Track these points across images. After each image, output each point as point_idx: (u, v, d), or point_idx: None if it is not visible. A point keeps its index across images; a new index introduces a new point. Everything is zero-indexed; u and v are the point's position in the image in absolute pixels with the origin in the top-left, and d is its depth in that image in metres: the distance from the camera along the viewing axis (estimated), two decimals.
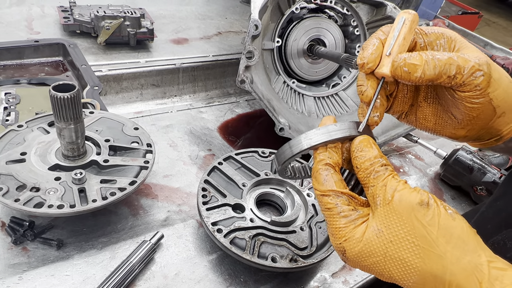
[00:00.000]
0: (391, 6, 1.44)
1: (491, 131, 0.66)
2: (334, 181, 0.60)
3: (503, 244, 0.72)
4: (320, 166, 0.61)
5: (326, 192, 0.60)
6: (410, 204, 0.54)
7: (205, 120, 1.46)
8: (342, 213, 0.59)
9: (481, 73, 0.58)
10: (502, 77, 0.61)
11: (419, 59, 0.58)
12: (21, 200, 0.83)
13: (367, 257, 0.57)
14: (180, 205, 1.07)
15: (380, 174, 0.58)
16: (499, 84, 0.60)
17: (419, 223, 0.53)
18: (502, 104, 0.61)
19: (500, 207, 0.79)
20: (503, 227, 0.74)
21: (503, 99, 0.61)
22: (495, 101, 0.61)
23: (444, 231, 0.53)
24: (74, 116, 0.88)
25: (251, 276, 0.92)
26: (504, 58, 2.29)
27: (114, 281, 0.81)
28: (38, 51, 1.43)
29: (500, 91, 0.60)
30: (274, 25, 1.42)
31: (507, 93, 0.61)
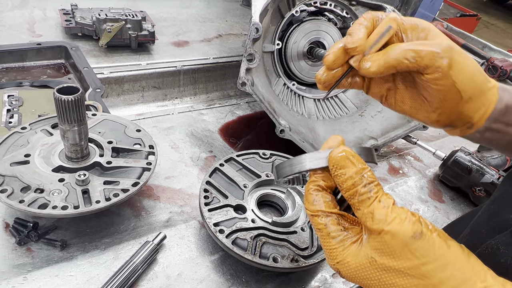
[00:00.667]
0: (390, 9, 1.45)
1: (462, 117, 0.67)
2: (323, 201, 0.61)
3: (496, 248, 0.72)
4: (311, 186, 0.62)
5: (315, 212, 0.61)
6: (403, 239, 0.53)
7: (206, 122, 1.48)
8: (332, 234, 0.59)
9: (440, 56, 0.60)
10: (468, 63, 0.63)
11: None
12: (25, 202, 0.84)
13: (361, 279, 0.58)
14: (182, 206, 1.08)
15: (365, 198, 0.56)
16: (463, 68, 0.62)
17: (413, 256, 0.53)
18: (467, 88, 0.63)
19: (494, 211, 0.79)
20: (496, 231, 0.74)
21: (468, 84, 0.63)
22: (459, 84, 0.62)
23: (440, 261, 0.53)
24: (78, 118, 0.89)
25: (253, 276, 0.93)
26: (502, 60, 2.30)
27: (117, 281, 0.82)
28: (40, 54, 1.44)
29: (464, 76, 0.62)
30: (275, 28, 1.43)
31: (473, 79, 0.63)
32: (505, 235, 0.72)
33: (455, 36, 2.49)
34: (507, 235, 0.71)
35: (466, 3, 8.26)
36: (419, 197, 1.33)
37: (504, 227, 0.73)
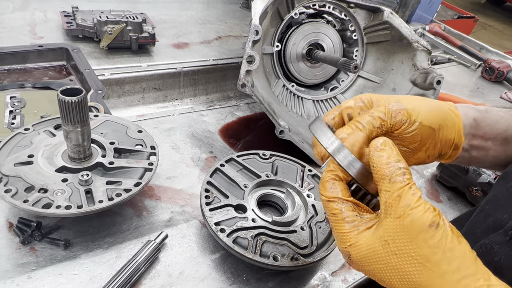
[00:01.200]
0: (388, 12, 1.47)
1: (444, 143, 0.75)
2: (340, 189, 0.64)
3: (490, 247, 0.74)
4: (329, 175, 0.66)
5: (332, 198, 0.64)
6: (421, 226, 0.56)
7: (207, 123, 1.49)
8: (347, 219, 0.62)
9: (398, 111, 0.70)
10: (417, 104, 0.72)
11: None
12: (29, 201, 0.85)
13: (370, 263, 0.60)
14: (183, 206, 1.10)
15: (397, 180, 0.59)
16: (419, 109, 0.72)
17: (426, 244, 0.56)
18: (433, 120, 0.72)
19: (488, 212, 0.81)
20: (490, 231, 0.76)
21: (431, 116, 0.72)
22: (425, 122, 0.71)
23: (448, 254, 0.56)
24: (81, 119, 0.90)
25: (253, 275, 0.95)
26: (499, 62, 2.33)
27: (120, 279, 0.83)
28: (42, 56, 1.46)
29: (423, 113, 0.71)
30: (274, 30, 1.45)
31: (431, 110, 0.73)
32: (499, 234, 0.73)
33: (453, 38, 2.52)
34: (500, 234, 0.73)
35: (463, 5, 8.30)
36: None
37: (498, 226, 0.75)
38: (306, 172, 1.17)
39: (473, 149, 0.78)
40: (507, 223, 0.73)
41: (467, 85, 2.26)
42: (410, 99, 0.74)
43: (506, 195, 0.78)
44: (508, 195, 0.77)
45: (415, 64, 1.48)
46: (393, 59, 1.56)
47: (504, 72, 2.28)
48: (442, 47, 2.49)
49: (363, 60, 1.61)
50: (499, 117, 0.79)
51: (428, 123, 0.72)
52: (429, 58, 1.47)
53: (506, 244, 0.71)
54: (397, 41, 1.51)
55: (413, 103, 0.72)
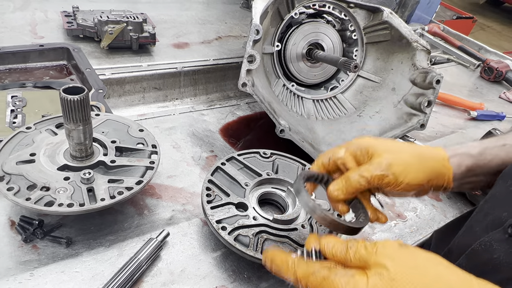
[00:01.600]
0: (388, 12, 1.48)
1: (436, 187, 0.82)
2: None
3: (489, 245, 0.75)
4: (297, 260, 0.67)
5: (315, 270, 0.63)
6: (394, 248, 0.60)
7: (207, 122, 1.50)
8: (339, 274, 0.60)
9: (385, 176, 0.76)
10: (408, 165, 0.77)
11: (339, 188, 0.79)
12: (32, 199, 0.85)
13: None
14: (185, 205, 1.10)
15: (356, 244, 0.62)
16: (408, 171, 0.77)
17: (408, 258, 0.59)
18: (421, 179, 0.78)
19: (488, 210, 0.82)
20: (489, 229, 0.77)
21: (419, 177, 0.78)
22: (413, 182, 0.77)
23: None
24: (83, 117, 0.91)
25: (255, 272, 0.95)
26: (498, 62, 2.34)
27: (122, 277, 0.83)
28: (43, 55, 1.46)
29: (411, 175, 0.77)
30: (274, 29, 1.46)
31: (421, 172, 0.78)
32: (498, 232, 0.74)
33: (452, 38, 2.53)
34: (500, 232, 0.74)
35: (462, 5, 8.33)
36: None
37: (497, 224, 0.76)
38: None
39: (465, 184, 0.85)
40: (506, 221, 0.74)
41: (466, 85, 2.27)
42: (403, 156, 0.78)
43: (505, 193, 0.79)
44: (507, 194, 0.78)
45: (415, 64, 1.49)
46: (393, 58, 1.56)
47: (503, 72, 2.29)
48: (441, 47, 2.50)
49: (362, 59, 1.62)
50: (493, 157, 0.83)
51: (416, 182, 0.77)
52: (429, 57, 1.48)
53: (505, 242, 0.72)
54: (397, 41, 1.52)
55: (404, 163, 0.77)
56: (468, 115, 1.91)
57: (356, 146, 0.82)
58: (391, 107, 1.55)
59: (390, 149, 0.79)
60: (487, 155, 0.84)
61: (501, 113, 1.93)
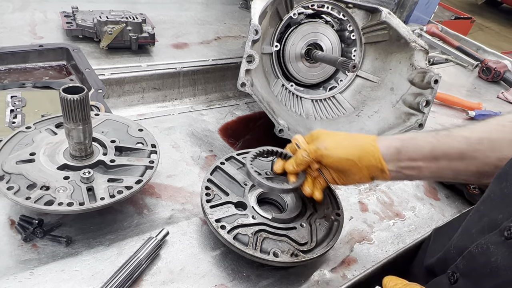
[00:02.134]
0: (386, 12, 1.49)
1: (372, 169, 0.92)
2: None
3: (486, 248, 0.75)
4: None
5: None
6: None
7: (206, 122, 1.50)
8: None
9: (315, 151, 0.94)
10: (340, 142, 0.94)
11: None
12: (32, 198, 0.86)
13: None
14: (184, 204, 1.11)
15: None
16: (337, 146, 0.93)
17: None
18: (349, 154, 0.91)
19: (483, 212, 0.82)
20: (486, 231, 0.77)
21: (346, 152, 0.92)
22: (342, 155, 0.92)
23: None
24: (83, 117, 0.91)
25: (254, 271, 0.96)
26: (496, 62, 2.35)
27: (122, 275, 0.84)
28: (42, 55, 1.47)
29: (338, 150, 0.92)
30: (273, 30, 1.46)
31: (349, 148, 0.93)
32: (495, 235, 0.74)
33: (450, 39, 2.54)
34: (496, 234, 0.74)
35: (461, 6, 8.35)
36: (415, 195, 1.36)
37: (493, 226, 0.76)
38: None
39: (404, 169, 0.90)
40: (502, 223, 0.74)
41: (464, 85, 2.28)
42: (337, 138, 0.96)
43: (500, 195, 0.79)
44: (502, 196, 0.78)
45: (413, 64, 1.50)
46: (391, 58, 1.57)
47: (501, 72, 2.29)
48: (439, 48, 2.51)
49: (361, 60, 1.62)
50: (424, 142, 0.89)
51: (345, 156, 0.91)
52: (427, 57, 1.49)
53: (501, 245, 0.72)
54: (395, 41, 1.53)
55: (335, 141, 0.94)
56: (466, 115, 1.92)
57: (310, 133, 1.01)
58: (389, 107, 1.56)
59: (329, 134, 0.97)
60: (418, 140, 0.90)
61: (499, 113, 1.94)
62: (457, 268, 0.81)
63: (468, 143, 0.85)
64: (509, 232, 0.71)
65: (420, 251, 1.13)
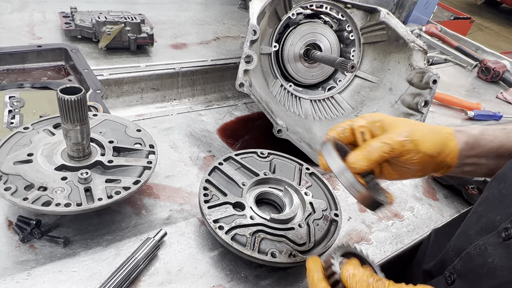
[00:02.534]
0: (384, 12, 1.48)
1: (439, 165, 0.83)
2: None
3: (484, 249, 0.75)
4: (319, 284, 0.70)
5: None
6: None
7: (205, 122, 1.50)
8: None
9: (406, 141, 0.77)
10: (425, 133, 0.80)
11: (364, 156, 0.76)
12: (29, 199, 0.86)
13: None
14: (182, 204, 1.10)
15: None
16: (424, 140, 0.78)
17: None
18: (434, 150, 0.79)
19: (481, 213, 0.83)
20: (484, 232, 0.78)
21: (433, 147, 0.79)
22: (428, 152, 0.79)
23: None
24: (80, 118, 0.91)
25: (252, 272, 0.96)
26: (495, 62, 2.35)
27: (120, 276, 0.84)
28: (40, 56, 1.46)
29: (428, 144, 0.79)
30: (272, 30, 1.46)
31: (434, 141, 0.80)
32: (492, 236, 0.74)
33: (449, 39, 2.54)
34: (494, 236, 0.74)
35: (460, 6, 8.35)
36: (413, 195, 1.36)
37: (491, 228, 0.76)
38: (304, 170, 1.18)
39: (466, 166, 0.86)
40: (500, 224, 0.74)
41: (463, 85, 2.28)
42: (419, 127, 0.80)
43: (499, 196, 0.79)
44: (500, 197, 0.79)
45: (412, 64, 1.50)
46: (390, 59, 1.57)
47: (500, 72, 2.29)
48: (438, 48, 2.51)
49: (360, 60, 1.62)
50: (493, 137, 0.85)
51: (430, 152, 0.79)
52: (425, 58, 1.49)
53: (499, 246, 0.72)
54: (394, 41, 1.53)
55: (420, 132, 0.79)
56: (465, 115, 1.92)
57: (371, 119, 0.81)
58: (388, 107, 1.56)
59: (405, 122, 0.81)
60: (487, 135, 0.85)
61: (498, 113, 1.94)
62: (454, 269, 0.81)
63: None
64: (507, 233, 0.71)
65: (419, 252, 1.13)
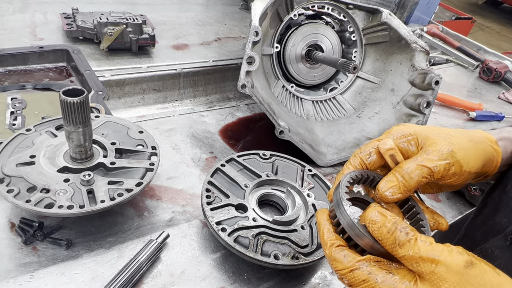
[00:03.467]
0: (386, 13, 1.48)
1: (481, 175, 0.76)
2: (353, 254, 0.60)
3: (490, 252, 0.74)
4: (334, 249, 0.62)
5: (354, 265, 0.59)
6: (458, 269, 0.53)
7: (207, 123, 1.50)
8: (379, 280, 0.56)
9: (452, 165, 0.67)
10: (466, 148, 0.69)
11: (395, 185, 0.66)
12: (32, 201, 0.86)
13: None
14: (184, 206, 1.10)
15: (404, 241, 0.56)
16: (468, 159, 0.68)
17: (472, 286, 0.52)
18: (478, 167, 0.71)
19: (487, 215, 0.82)
20: (490, 235, 0.77)
21: (477, 163, 0.70)
22: (473, 170, 0.70)
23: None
24: (83, 119, 0.91)
25: (254, 274, 0.95)
26: (497, 62, 2.34)
27: (122, 278, 0.83)
28: (42, 57, 1.46)
29: (472, 162, 0.69)
30: (273, 31, 1.46)
31: (479, 158, 0.71)
32: (499, 239, 0.74)
33: (450, 39, 2.53)
34: (500, 239, 0.73)
35: (461, 6, 8.34)
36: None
37: (497, 231, 0.75)
38: (306, 172, 1.17)
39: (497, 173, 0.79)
40: (507, 227, 0.74)
41: (465, 85, 2.27)
42: (459, 141, 0.70)
43: (505, 199, 0.78)
44: (506, 199, 0.78)
45: (414, 65, 1.49)
46: (392, 59, 1.57)
47: (502, 73, 2.29)
48: (440, 48, 2.51)
49: (362, 61, 1.62)
50: None
51: (475, 169, 0.70)
52: (427, 58, 1.48)
53: (506, 249, 0.71)
54: (396, 42, 1.53)
55: (463, 149, 0.69)
56: (467, 115, 1.91)
57: (400, 134, 0.71)
58: (390, 108, 1.55)
59: (442, 134, 0.70)
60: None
61: (500, 114, 1.93)
62: None
63: None
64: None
65: None
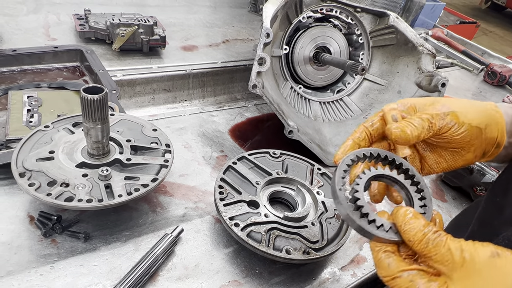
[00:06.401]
0: (393, 16, 1.51)
1: (489, 142, 0.76)
2: (398, 261, 0.62)
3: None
4: (381, 255, 0.63)
5: (398, 273, 0.60)
6: (484, 260, 0.55)
7: (217, 123, 1.53)
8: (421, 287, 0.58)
9: (446, 113, 0.71)
10: (463, 106, 0.73)
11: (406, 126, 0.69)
12: (52, 195, 0.88)
13: None
14: (197, 202, 1.13)
15: (438, 240, 0.58)
16: (467, 110, 0.72)
17: (501, 275, 0.54)
18: (480, 121, 0.73)
19: (504, 203, 0.80)
20: (509, 223, 0.76)
21: (478, 118, 0.73)
22: (474, 123, 0.72)
23: None
24: (102, 116, 0.94)
25: (266, 268, 0.98)
26: (501, 66, 2.37)
27: (140, 270, 0.86)
28: (57, 57, 1.50)
29: (470, 114, 0.72)
30: (283, 33, 1.49)
31: (478, 112, 0.74)
32: None
33: (455, 43, 2.56)
34: None
35: (465, 10, 8.37)
36: None
37: None
38: (316, 170, 1.20)
39: (511, 145, 0.78)
40: None
41: (470, 88, 2.30)
42: (457, 101, 0.74)
43: None
44: None
45: (420, 67, 1.52)
46: (399, 62, 1.59)
47: (506, 77, 2.31)
48: (444, 52, 2.53)
49: (369, 63, 1.65)
50: None
51: (476, 123, 0.72)
52: (434, 61, 1.51)
53: None
54: (402, 45, 1.55)
55: (459, 105, 0.73)
56: None
57: (401, 103, 0.76)
58: None
59: (440, 99, 0.75)
60: None
61: None
62: None
63: None
64: None
65: None
